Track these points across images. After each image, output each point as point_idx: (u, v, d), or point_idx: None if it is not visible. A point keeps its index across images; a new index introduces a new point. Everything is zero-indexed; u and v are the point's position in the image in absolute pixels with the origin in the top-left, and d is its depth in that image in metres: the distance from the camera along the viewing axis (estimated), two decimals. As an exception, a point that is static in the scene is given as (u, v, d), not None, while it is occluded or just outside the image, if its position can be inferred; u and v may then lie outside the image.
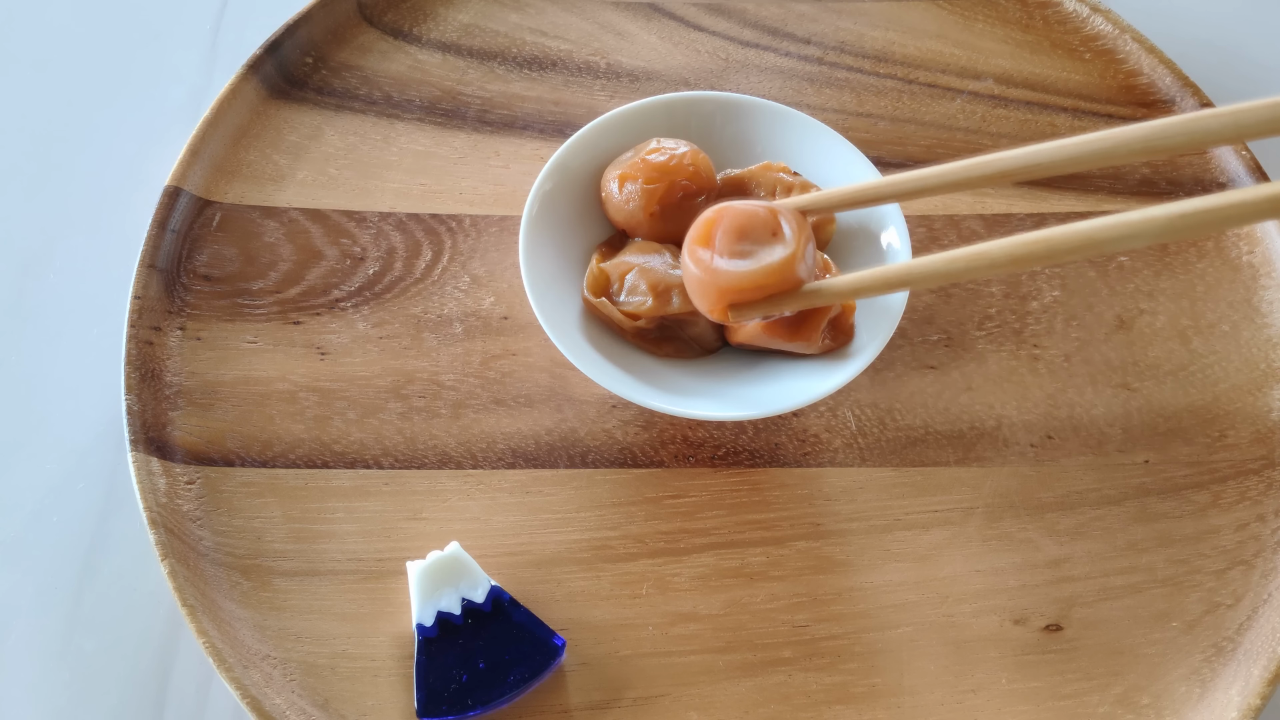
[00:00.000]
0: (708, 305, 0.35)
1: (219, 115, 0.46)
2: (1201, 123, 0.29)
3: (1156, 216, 0.28)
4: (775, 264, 0.34)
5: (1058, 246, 0.30)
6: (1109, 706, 0.37)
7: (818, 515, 0.40)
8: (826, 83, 0.50)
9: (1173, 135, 0.30)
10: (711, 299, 0.35)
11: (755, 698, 0.37)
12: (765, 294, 0.35)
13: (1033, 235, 0.30)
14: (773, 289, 0.35)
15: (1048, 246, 0.30)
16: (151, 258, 0.42)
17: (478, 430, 0.41)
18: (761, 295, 0.35)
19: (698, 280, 0.35)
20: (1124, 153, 0.30)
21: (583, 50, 0.50)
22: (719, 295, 0.35)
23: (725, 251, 0.35)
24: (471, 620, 0.36)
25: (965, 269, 0.32)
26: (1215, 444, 0.42)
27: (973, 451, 0.41)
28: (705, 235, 0.35)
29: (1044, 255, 0.30)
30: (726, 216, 0.35)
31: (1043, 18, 0.53)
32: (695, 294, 0.36)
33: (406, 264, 0.44)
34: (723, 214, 0.35)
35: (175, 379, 0.41)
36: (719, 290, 0.35)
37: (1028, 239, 0.30)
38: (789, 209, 0.36)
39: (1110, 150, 0.30)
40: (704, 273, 0.35)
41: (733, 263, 0.35)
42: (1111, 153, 0.31)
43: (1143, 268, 0.46)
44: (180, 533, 0.37)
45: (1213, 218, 0.28)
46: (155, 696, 0.37)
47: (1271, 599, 0.39)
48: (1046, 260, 0.31)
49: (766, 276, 0.34)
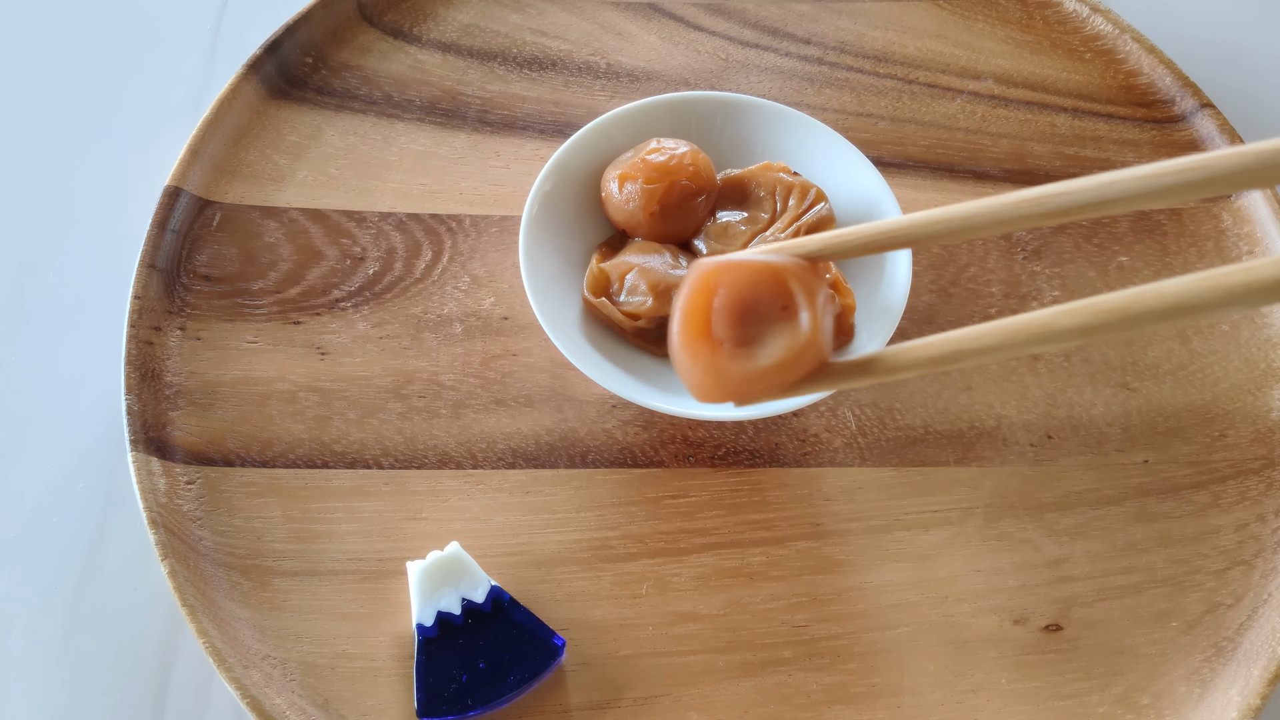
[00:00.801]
0: (705, 399, 0.29)
1: (219, 115, 0.46)
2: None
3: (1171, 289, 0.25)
4: (794, 353, 0.28)
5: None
6: (1109, 706, 0.37)
7: (817, 515, 0.40)
8: (826, 83, 0.50)
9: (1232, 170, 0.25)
10: (710, 395, 0.29)
11: (755, 698, 0.37)
12: (781, 388, 0.28)
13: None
14: (790, 382, 0.28)
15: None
16: (151, 258, 0.42)
17: (478, 430, 0.41)
18: (777, 390, 0.29)
19: (692, 377, 0.29)
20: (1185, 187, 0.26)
21: (583, 50, 0.50)
22: (720, 393, 0.29)
23: (726, 336, 0.28)
24: (471, 620, 0.36)
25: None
26: (1215, 444, 0.42)
27: (972, 451, 0.41)
28: (700, 315, 0.28)
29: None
30: (723, 290, 0.28)
31: (1043, 18, 0.53)
32: (689, 385, 0.29)
33: (406, 264, 0.44)
34: (716, 284, 0.28)
35: (175, 379, 0.41)
36: (720, 388, 0.28)
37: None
38: (796, 264, 0.28)
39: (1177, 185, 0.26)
40: (701, 370, 0.28)
41: (739, 358, 0.28)
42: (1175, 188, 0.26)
43: (1143, 267, 0.46)
44: (180, 533, 0.37)
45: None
46: (155, 696, 0.37)
47: (1271, 599, 0.39)
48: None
49: (783, 372, 0.28)
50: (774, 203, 0.41)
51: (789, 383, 0.28)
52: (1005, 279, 0.45)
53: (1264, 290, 0.24)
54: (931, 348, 0.27)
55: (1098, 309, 0.25)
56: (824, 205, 0.41)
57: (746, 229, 0.41)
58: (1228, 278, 0.24)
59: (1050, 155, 0.49)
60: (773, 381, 0.28)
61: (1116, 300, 0.25)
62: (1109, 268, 0.46)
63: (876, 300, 0.40)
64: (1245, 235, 0.47)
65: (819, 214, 0.41)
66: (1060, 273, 0.46)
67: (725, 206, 0.42)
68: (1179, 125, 0.50)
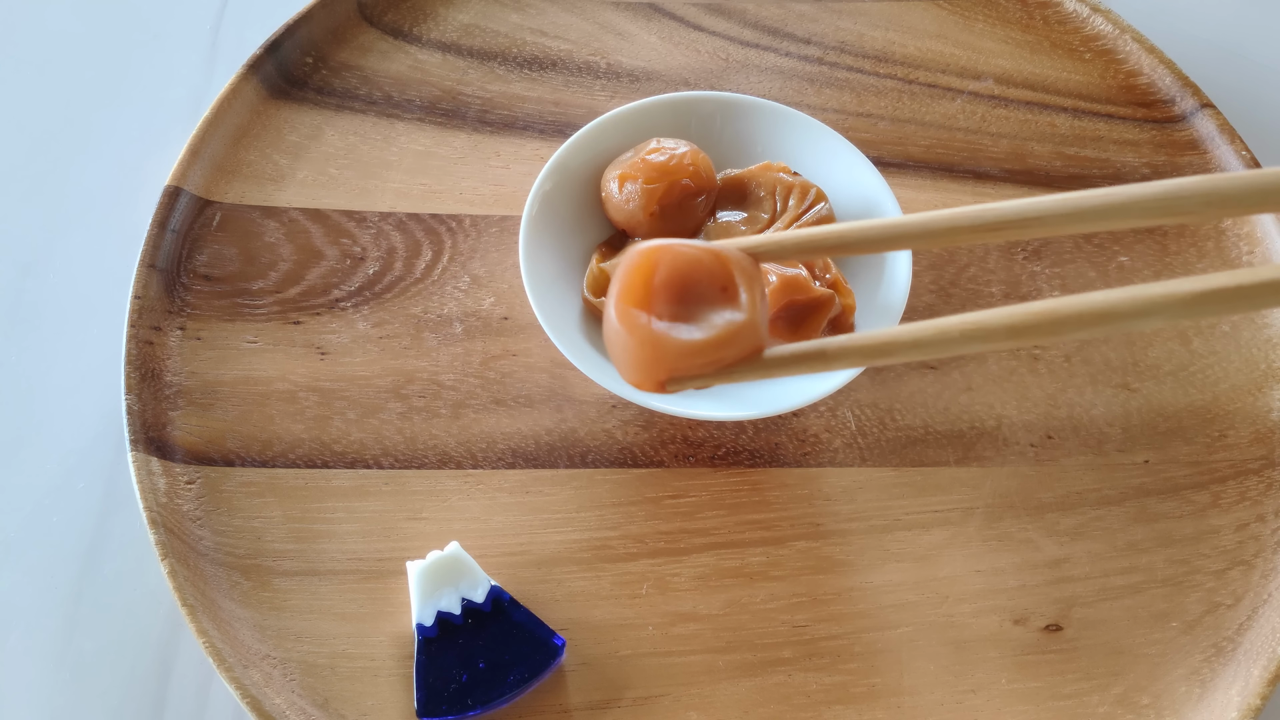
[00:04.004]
0: (639, 376, 0.28)
1: (219, 115, 0.46)
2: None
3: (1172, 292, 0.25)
4: (730, 331, 0.27)
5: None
6: (1109, 706, 0.37)
7: (818, 515, 0.40)
8: (826, 83, 0.50)
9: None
10: (644, 370, 0.28)
11: (755, 698, 0.37)
12: (716, 367, 0.28)
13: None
14: (726, 361, 0.28)
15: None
16: (151, 258, 0.42)
17: (478, 430, 0.41)
18: (712, 369, 0.28)
19: (629, 348, 0.28)
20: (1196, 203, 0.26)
21: (583, 50, 0.50)
22: (655, 367, 0.28)
23: (664, 313, 0.28)
24: (471, 620, 0.36)
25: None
26: (1215, 444, 0.42)
27: (973, 451, 0.41)
28: (640, 288, 0.28)
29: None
30: (664, 263, 0.28)
31: (1043, 18, 0.53)
32: (622, 362, 0.29)
33: (406, 264, 0.44)
34: (658, 258, 0.28)
35: (175, 379, 0.41)
36: (657, 363, 0.28)
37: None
38: (738, 254, 0.29)
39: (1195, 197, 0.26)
40: (639, 341, 0.28)
41: (676, 329, 0.27)
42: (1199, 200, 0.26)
43: (1143, 268, 0.46)
44: (180, 532, 0.37)
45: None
46: (155, 696, 0.37)
47: (1271, 599, 0.39)
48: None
49: (718, 349, 0.27)
50: (774, 203, 0.41)
51: (723, 363, 0.28)
52: (1005, 279, 0.45)
53: (1182, 303, 0.25)
54: (868, 340, 0.28)
55: (1026, 311, 0.26)
56: (824, 205, 0.41)
57: (746, 229, 0.41)
58: (1151, 290, 0.25)
59: (1050, 155, 0.49)
60: (708, 358, 0.28)
61: (1046, 305, 0.26)
62: (1109, 268, 0.46)
63: (876, 300, 0.40)
64: (1245, 235, 0.47)
65: (819, 214, 0.41)
66: (1060, 273, 0.46)
67: (725, 206, 0.42)
68: (1179, 125, 0.50)
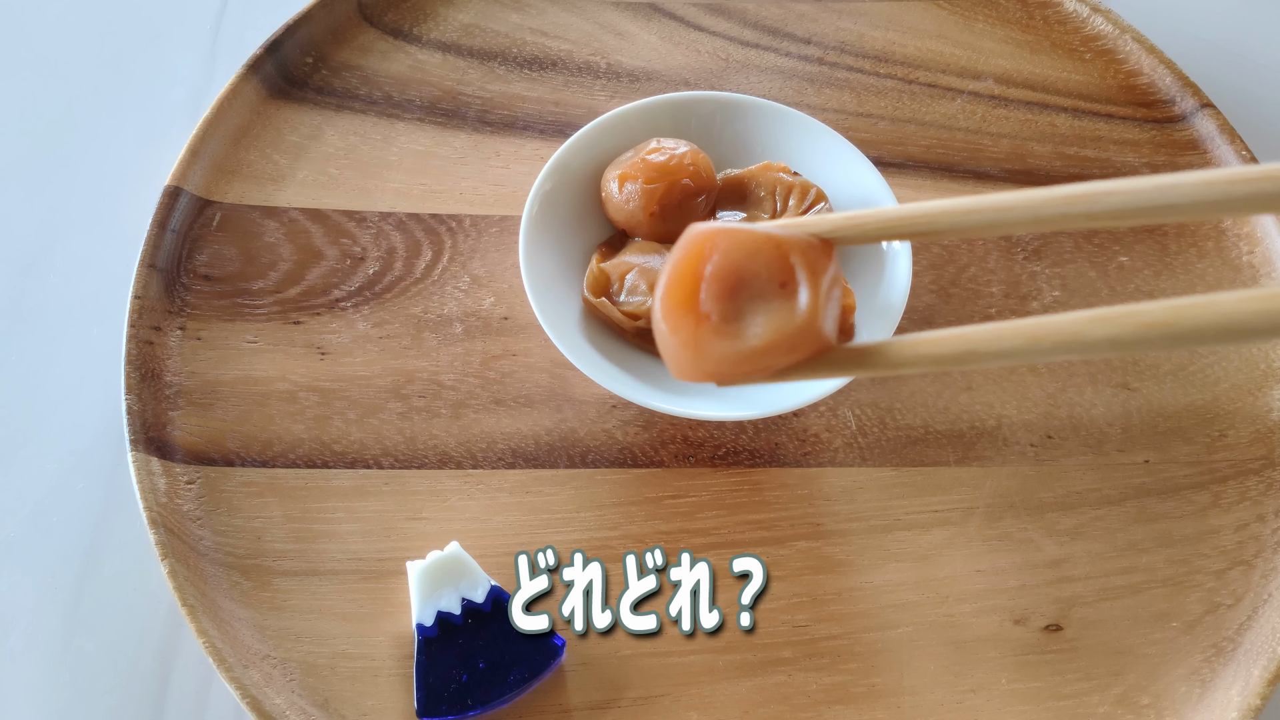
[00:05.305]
0: (684, 375, 0.26)
1: (219, 115, 0.46)
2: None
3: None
4: (784, 336, 0.25)
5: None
6: (1109, 706, 0.37)
7: (818, 515, 0.40)
8: (826, 83, 0.50)
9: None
10: (688, 372, 0.26)
11: (755, 698, 0.37)
12: (768, 373, 0.26)
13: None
14: (778, 367, 0.25)
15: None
16: (151, 258, 0.42)
17: (478, 430, 0.41)
18: (764, 375, 0.26)
19: (672, 349, 0.26)
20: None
21: (583, 50, 0.50)
22: (698, 371, 0.26)
23: (714, 309, 0.25)
24: (471, 620, 0.36)
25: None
26: (1215, 444, 0.42)
27: (973, 451, 0.41)
28: (688, 280, 0.25)
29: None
30: (718, 257, 0.25)
31: (1043, 18, 0.53)
32: (668, 359, 0.26)
33: (406, 264, 0.44)
34: (713, 245, 0.25)
35: (175, 379, 0.41)
36: (699, 367, 0.26)
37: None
38: (804, 240, 0.25)
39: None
40: (681, 343, 0.25)
41: (724, 335, 0.25)
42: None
43: (1143, 267, 0.46)
44: (180, 533, 0.37)
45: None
46: (155, 696, 0.37)
47: (1271, 599, 0.39)
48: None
49: (769, 356, 0.25)
50: (774, 203, 0.41)
51: (777, 368, 0.25)
52: (1005, 279, 0.45)
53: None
54: (943, 344, 0.24)
55: (1139, 320, 0.22)
56: (824, 205, 0.41)
57: (746, 229, 0.41)
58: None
59: (1050, 155, 0.49)
60: (757, 365, 0.25)
61: (1159, 312, 0.21)
62: (1109, 268, 0.46)
63: (876, 300, 0.40)
64: (1245, 236, 0.47)
65: (819, 214, 0.41)
66: (1060, 273, 0.46)
67: (725, 206, 0.42)
68: (1179, 125, 0.50)
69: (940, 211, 0.25)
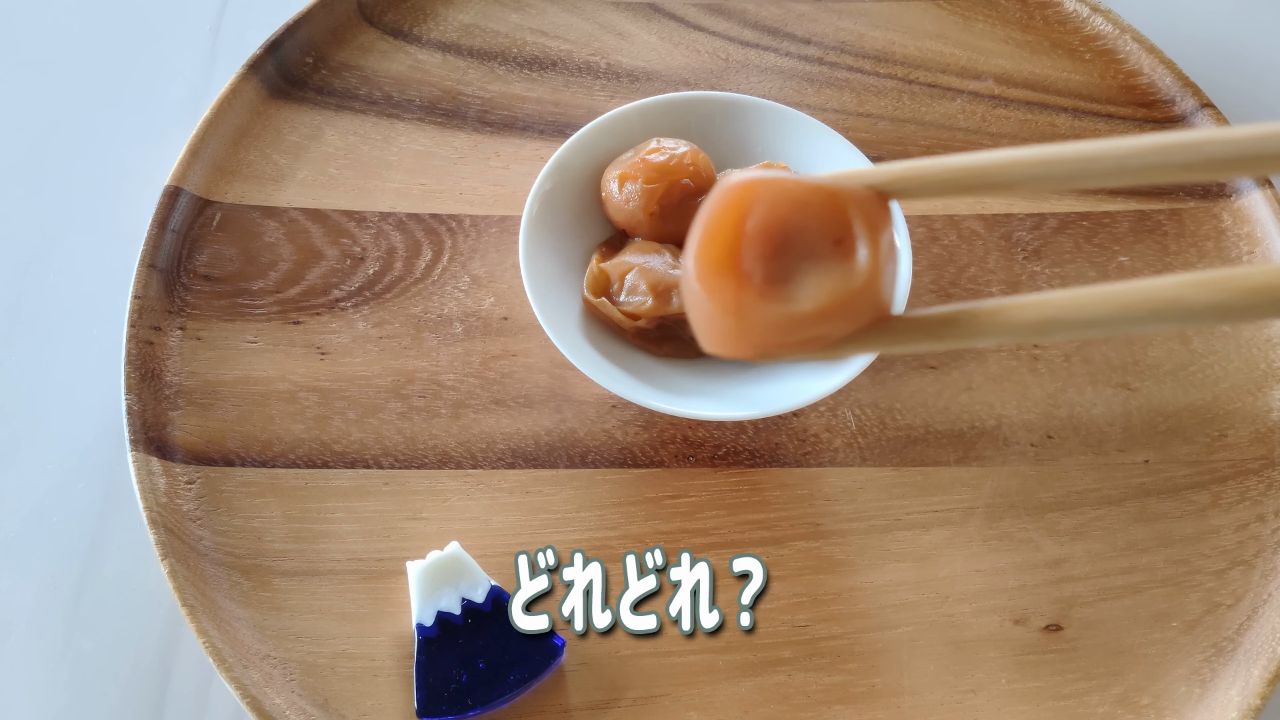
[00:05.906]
0: (720, 347, 0.23)
1: (219, 115, 0.46)
2: None
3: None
4: (843, 298, 0.21)
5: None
6: (1109, 706, 0.37)
7: (818, 515, 0.40)
8: (826, 83, 0.50)
9: None
10: (727, 343, 0.23)
11: (755, 698, 0.37)
12: (821, 344, 0.22)
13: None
14: (833, 337, 0.22)
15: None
16: (151, 258, 0.42)
17: (478, 430, 0.41)
18: (815, 346, 0.22)
19: (708, 315, 0.22)
20: None
21: (583, 50, 0.50)
22: (740, 341, 0.22)
23: (756, 270, 0.21)
24: (471, 620, 0.36)
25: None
26: (1215, 444, 0.42)
27: (973, 451, 0.41)
28: (726, 236, 0.22)
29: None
30: (761, 204, 0.21)
31: (1043, 18, 0.53)
32: (701, 328, 0.23)
33: (406, 264, 0.44)
34: (755, 197, 0.22)
35: (175, 379, 0.41)
36: (741, 336, 0.22)
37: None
38: (861, 192, 0.22)
39: None
40: (720, 308, 0.22)
41: (770, 298, 0.21)
42: None
43: (1143, 268, 0.46)
44: (180, 533, 0.37)
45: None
46: (155, 696, 0.37)
47: (1271, 599, 0.39)
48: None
49: (825, 321, 0.22)
50: (774, 203, 0.41)
51: (831, 338, 0.22)
52: (1005, 279, 0.45)
53: None
54: (1026, 311, 0.21)
55: (1244, 285, 0.19)
56: (824, 205, 0.41)
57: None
58: None
59: (1050, 155, 0.49)
60: (810, 333, 0.22)
61: (1268, 275, 0.19)
62: (1109, 268, 0.46)
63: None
64: (1245, 235, 0.47)
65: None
66: (1061, 273, 0.46)
67: (725, 206, 0.42)
68: (1179, 125, 0.50)
69: (1014, 161, 0.22)
